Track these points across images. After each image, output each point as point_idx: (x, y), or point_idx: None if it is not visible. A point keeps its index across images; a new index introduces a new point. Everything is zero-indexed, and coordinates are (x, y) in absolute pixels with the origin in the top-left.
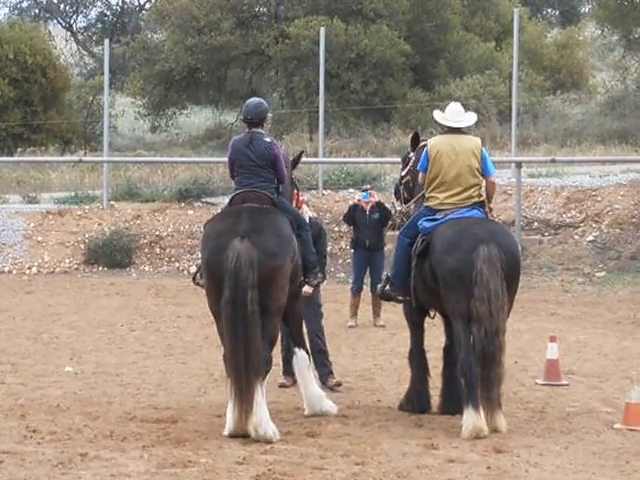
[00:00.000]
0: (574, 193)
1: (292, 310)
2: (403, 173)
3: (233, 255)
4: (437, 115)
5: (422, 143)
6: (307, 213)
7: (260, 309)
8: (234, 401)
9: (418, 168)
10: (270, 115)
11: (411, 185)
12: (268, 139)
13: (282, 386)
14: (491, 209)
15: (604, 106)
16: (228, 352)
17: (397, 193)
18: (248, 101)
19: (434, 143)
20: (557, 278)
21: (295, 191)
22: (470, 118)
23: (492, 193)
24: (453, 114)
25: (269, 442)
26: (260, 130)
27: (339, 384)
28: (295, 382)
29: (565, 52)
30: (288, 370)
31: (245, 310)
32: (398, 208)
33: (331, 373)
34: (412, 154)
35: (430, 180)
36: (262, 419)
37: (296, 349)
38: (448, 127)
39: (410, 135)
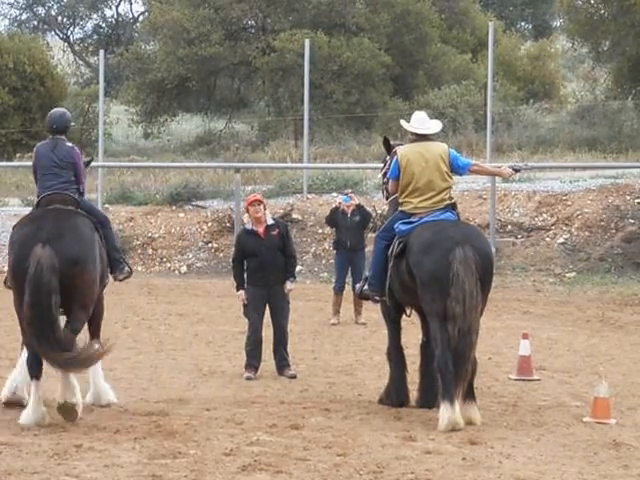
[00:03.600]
0: (546, 198)
1: (96, 305)
2: (380, 176)
3: (34, 261)
4: (404, 124)
5: (395, 148)
6: (269, 216)
7: (65, 309)
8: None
9: (389, 176)
10: (73, 124)
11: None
12: (70, 144)
13: (248, 379)
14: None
15: (574, 115)
16: (36, 352)
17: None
18: (52, 111)
19: (404, 152)
20: (529, 278)
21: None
22: (436, 125)
23: (487, 168)
24: (419, 122)
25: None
26: (63, 137)
27: (294, 376)
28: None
29: (537, 64)
30: (252, 364)
31: (49, 313)
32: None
33: (289, 365)
34: (388, 158)
35: (403, 187)
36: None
37: (93, 342)
38: (416, 135)
39: (382, 142)
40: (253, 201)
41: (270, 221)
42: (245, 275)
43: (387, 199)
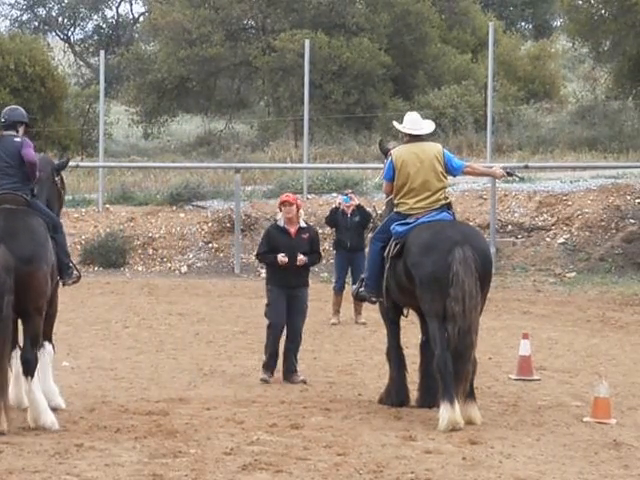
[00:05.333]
0: (546, 198)
1: (48, 307)
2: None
3: None
4: (397, 125)
5: (390, 150)
6: (302, 217)
7: (20, 311)
8: None
9: (383, 178)
10: (26, 121)
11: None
12: (18, 139)
13: (263, 381)
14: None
15: (575, 115)
16: None
17: None
18: (6, 107)
19: (398, 153)
20: (530, 278)
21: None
22: (429, 126)
23: (479, 169)
24: (412, 123)
25: (50, 429)
26: (12, 132)
27: (304, 381)
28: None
29: (538, 64)
30: (270, 364)
31: (1, 314)
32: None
33: (295, 371)
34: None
35: (399, 187)
36: (39, 411)
37: (45, 343)
38: (409, 136)
39: (378, 145)
40: (284, 201)
41: (303, 224)
42: (267, 274)
43: None
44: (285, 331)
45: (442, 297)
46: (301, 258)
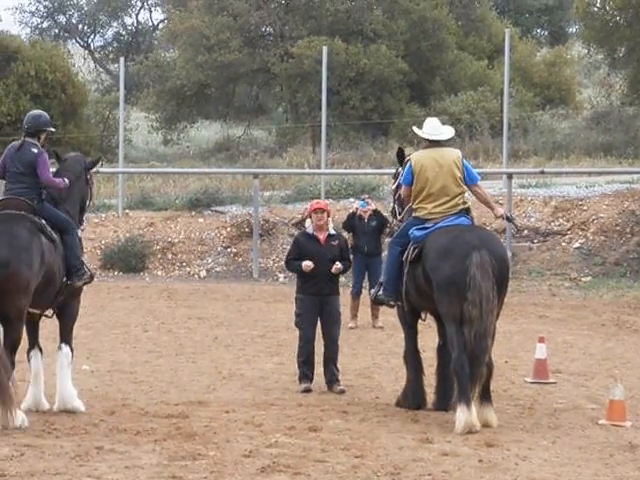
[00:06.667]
0: (562, 203)
1: (65, 309)
2: (394, 187)
3: None
4: (417, 130)
5: (407, 158)
6: (330, 224)
7: (2, 317)
8: None
9: (402, 182)
10: (50, 129)
11: (402, 198)
12: (35, 151)
13: (306, 391)
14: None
15: (590, 121)
16: None
17: (393, 211)
18: (30, 112)
19: (417, 158)
20: (545, 283)
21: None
22: (449, 131)
23: (486, 196)
24: (432, 128)
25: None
26: (33, 141)
27: (343, 391)
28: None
29: (553, 70)
30: (307, 375)
31: None
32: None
33: (338, 380)
34: (400, 169)
35: (417, 192)
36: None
37: (62, 345)
38: (429, 141)
39: (395, 151)
40: (317, 208)
41: (332, 231)
42: (297, 283)
43: (400, 215)
44: (323, 341)
45: (459, 301)
46: (338, 266)
